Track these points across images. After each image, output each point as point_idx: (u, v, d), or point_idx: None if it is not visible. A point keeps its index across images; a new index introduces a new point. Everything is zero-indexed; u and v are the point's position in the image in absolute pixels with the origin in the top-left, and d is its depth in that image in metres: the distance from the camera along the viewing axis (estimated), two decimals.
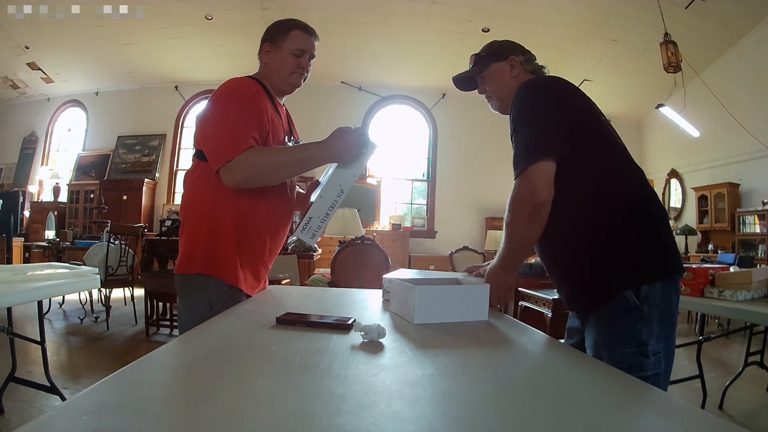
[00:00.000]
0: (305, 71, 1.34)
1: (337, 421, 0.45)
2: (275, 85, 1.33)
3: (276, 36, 1.32)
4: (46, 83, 7.76)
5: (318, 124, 7.93)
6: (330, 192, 1.20)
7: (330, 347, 0.72)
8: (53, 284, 1.62)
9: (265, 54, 1.33)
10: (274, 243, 1.32)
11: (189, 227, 1.24)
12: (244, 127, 1.15)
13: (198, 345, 0.74)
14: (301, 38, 1.32)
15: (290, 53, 1.30)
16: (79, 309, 4.21)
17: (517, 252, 1.10)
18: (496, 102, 1.23)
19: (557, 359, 0.77)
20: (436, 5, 5.79)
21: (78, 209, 7.64)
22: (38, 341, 2.07)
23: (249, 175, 1.14)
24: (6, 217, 3.92)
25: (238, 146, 1.12)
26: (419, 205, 8.02)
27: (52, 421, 0.42)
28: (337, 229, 4.15)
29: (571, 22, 5.72)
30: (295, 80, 1.33)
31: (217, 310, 1.11)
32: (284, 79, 1.32)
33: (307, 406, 0.49)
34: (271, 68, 1.32)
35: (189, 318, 1.19)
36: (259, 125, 1.19)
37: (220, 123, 1.17)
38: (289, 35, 1.31)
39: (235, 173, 1.13)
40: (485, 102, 1.26)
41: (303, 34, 1.32)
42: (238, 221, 1.21)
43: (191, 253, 1.22)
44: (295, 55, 1.31)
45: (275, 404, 0.49)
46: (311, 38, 1.34)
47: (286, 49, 1.30)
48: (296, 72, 1.32)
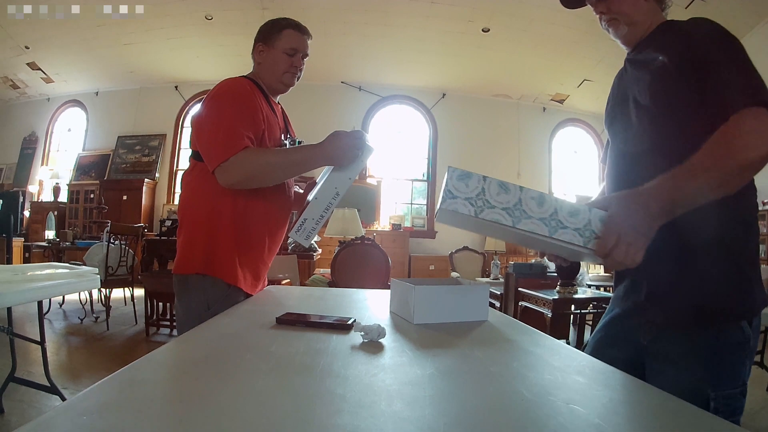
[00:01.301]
0: (298, 70, 1.33)
1: (337, 421, 0.45)
2: (269, 84, 1.33)
3: (269, 35, 1.32)
4: (46, 83, 7.76)
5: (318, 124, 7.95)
6: (326, 194, 1.20)
7: (330, 347, 0.72)
8: (53, 284, 1.62)
9: (258, 53, 1.33)
10: (273, 241, 1.33)
11: (187, 227, 1.24)
12: (239, 127, 1.15)
13: (198, 345, 0.74)
14: (294, 37, 1.32)
15: (283, 52, 1.30)
16: (79, 309, 4.21)
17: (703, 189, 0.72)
18: (624, 27, 0.94)
19: (562, 360, 0.77)
20: (436, 5, 5.78)
21: (78, 209, 7.63)
22: (38, 341, 2.07)
23: (244, 175, 1.14)
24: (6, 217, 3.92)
25: (233, 147, 1.12)
26: (419, 205, 8.02)
27: (52, 421, 0.42)
28: (337, 229, 4.15)
29: (571, 22, 5.72)
30: (289, 79, 1.33)
31: (215, 309, 1.11)
32: (277, 78, 1.32)
33: (307, 406, 0.49)
34: (265, 68, 1.32)
35: (187, 318, 1.20)
36: (254, 125, 1.19)
37: (216, 124, 1.17)
38: (281, 34, 1.31)
39: (230, 174, 1.13)
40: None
41: (296, 33, 1.32)
42: (236, 220, 1.21)
43: (189, 253, 1.22)
44: (288, 54, 1.31)
45: (275, 404, 0.49)
46: (304, 37, 1.33)
47: (279, 48, 1.30)
48: (289, 71, 1.32)
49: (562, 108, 7.95)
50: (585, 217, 0.73)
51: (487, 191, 0.72)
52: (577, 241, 0.73)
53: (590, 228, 0.73)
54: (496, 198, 0.72)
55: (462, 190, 0.71)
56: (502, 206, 0.72)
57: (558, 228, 0.73)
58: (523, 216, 0.72)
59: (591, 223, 0.73)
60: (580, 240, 0.73)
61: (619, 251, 0.71)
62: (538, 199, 0.73)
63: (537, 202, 0.73)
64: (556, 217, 0.73)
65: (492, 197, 0.72)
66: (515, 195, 0.73)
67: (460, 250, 6.06)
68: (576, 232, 0.73)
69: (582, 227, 0.73)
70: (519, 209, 0.72)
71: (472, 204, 0.71)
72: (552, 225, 0.73)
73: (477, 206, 0.71)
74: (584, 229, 0.73)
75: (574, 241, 0.73)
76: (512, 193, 0.72)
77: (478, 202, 0.71)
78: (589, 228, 0.73)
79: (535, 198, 0.73)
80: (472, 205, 0.71)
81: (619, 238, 0.71)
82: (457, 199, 0.71)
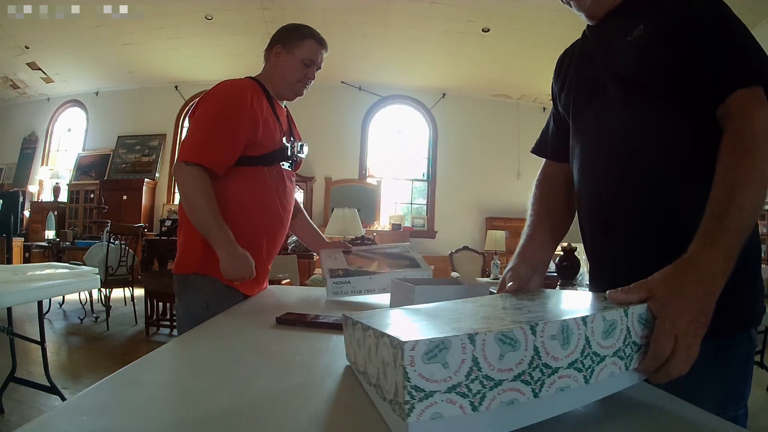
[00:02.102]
0: (309, 81, 1.34)
1: (338, 421, 0.45)
2: (278, 90, 1.33)
3: (290, 40, 1.32)
4: (46, 83, 7.75)
5: (318, 124, 7.94)
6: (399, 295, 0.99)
7: (330, 347, 0.72)
8: (53, 284, 1.62)
9: (275, 56, 1.33)
10: (272, 243, 1.32)
11: (186, 227, 1.25)
12: (211, 139, 1.18)
13: (198, 345, 0.74)
14: (314, 48, 1.32)
15: (301, 61, 1.30)
16: (79, 309, 4.21)
17: (749, 225, 0.58)
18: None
19: None
20: (436, 5, 5.78)
21: (78, 209, 7.63)
22: (38, 341, 2.07)
23: (180, 187, 1.21)
24: (6, 217, 3.92)
25: (193, 155, 1.16)
26: (419, 205, 8.02)
27: (52, 421, 0.42)
28: (337, 229, 4.15)
29: (571, 22, 5.70)
30: (299, 89, 1.34)
31: (213, 310, 1.11)
32: (289, 86, 1.33)
33: (307, 406, 0.49)
34: (278, 72, 1.32)
35: (186, 318, 1.20)
36: (231, 138, 1.19)
37: (197, 125, 1.21)
38: (303, 43, 1.31)
39: (177, 176, 1.18)
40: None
41: (317, 44, 1.32)
42: (235, 221, 1.21)
43: (188, 253, 1.23)
44: (305, 64, 1.31)
45: (275, 404, 0.49)
46: (322, 50, 1.34)
47: (298, 56, 1.30)
48: (302, 81, 1.32)
49: None
50: (622, 329, 0.47)
51: (481, 359, 0.39)
52: (619, 370, 0.46)
53: (630, 341, 0.47)
54: (500, 363, 0.39)
55: (438, 375, 0.37)
56: (514, 374, 0.40)
57: (594, 366, 0.44)
58: (548, 372, 0.41)
59: (630, 333, 0.48)
60: (622, 366, 0.47)
61: (679, 360, 0.49)
62: (560, 334, 0.42)
63: (561, 339, 0.42)
64: (589, 350, 0.44)
65: (494, 365, 0.39)
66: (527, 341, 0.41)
67: (460, 250, 6.06)
68: (617, 359, 0.46)
69: (622, 346, 0.46)
70: (539, 365, 0.41)
71: (462, 395, 0.38)
72: (587, 366, 0.44)
73: (472, 394, 0.38)
74: (625, 347, 0.47)
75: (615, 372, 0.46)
76: (521, 341, 0.40)
77: (473, 387, 0.38)
78: (630, 341, 0.47)
79: (555, 335, 0.42)
80: (463, 396, 0.38)
81: (677, 342, 0.49)
82: (434, 397, 0.37)
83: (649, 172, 0.72)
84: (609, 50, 0.79)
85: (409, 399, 0.37)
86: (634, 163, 0.73)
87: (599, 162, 0.80)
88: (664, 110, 0.72)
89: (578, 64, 0.88)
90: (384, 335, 0.42)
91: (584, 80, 0.85)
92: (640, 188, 0.73)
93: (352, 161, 7.67)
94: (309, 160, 7.32)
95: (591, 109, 0.82)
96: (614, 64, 0.77)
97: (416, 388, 0.37)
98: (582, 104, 0.85)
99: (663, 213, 0.71)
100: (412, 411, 0.37)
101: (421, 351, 0.37)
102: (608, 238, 0.79)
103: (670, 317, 0.49)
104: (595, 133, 0.81)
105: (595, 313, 0.45)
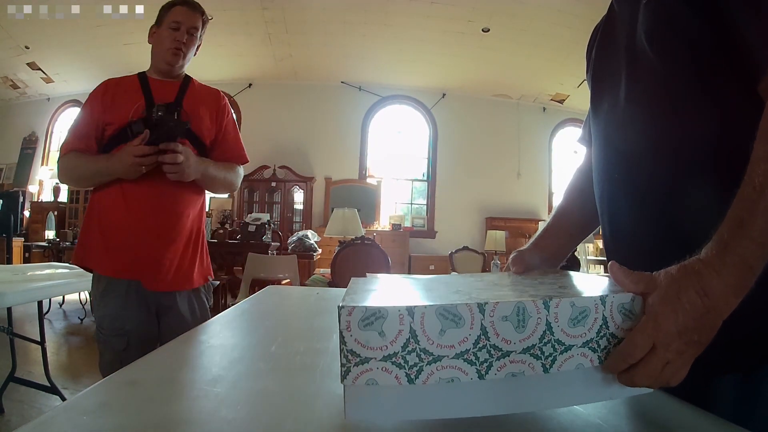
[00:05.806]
0: (182, 44, 1.29)
1: (337, 421, 0.45)
2: (158, 67, 1.34)
3: (160, 17, 1.32)
4: (46, 83, 7.75)
5: (318, 123, 7.92)
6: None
7: (330, 347, 0.72)
8: (53, 284, 1.62)
9: (151, 36, 1.34)
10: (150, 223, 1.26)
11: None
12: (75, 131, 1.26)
13: (197, 345, 0.74)
14: (180, 11, 1.30)
15: (168, 28, 1.30)
16: (79, 309, 4.21)
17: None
18: None
19: None
20: (436, 5, 5.78)
21: (78, 209, 7.62)
22: (38, 341, 2.07)
23: (63, 177, 1.28)
24: (6, 217, 3.92)
25: (61, 150, 1.26)
26: (419, 205, 8.02)
27: (52, 421, 0.42)
28: (337, 229, 4.15)
29: (571, 22, 5.72)
30: (170, 57, 1.30)
31: (99, 303, 1.25)
32: (163, 57, 1.31)
33: (307, 406, 0.49)
34: (155, 50, 1.34)
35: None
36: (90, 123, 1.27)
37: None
38: (169, 11, 1.31)
39: (58, 173, 1.26)
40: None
41: (183, 8, 1.31)
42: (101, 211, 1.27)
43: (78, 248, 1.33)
44: (172, 29, 1.29)
45: (275, 404, 0.49)
46: (193, 12, 1.32)
47: (165, 25, 1.30)
48: (171, 48, 1.29)
49: (562, 108, 7.94)
50: (596, 318, 0.42)
51: (420, 333, 0.38)
52: (590, 363, 0.42)
53: (608, 332, 0.43)
54: (441, 339, 0.39)
55: (375, 342, 0.38)
56: (456, 351, 0.39)
57: (556, 355, 0.41)
58: (497, 355, 0.39)
59: (608, 323, 0.42)
60: (594, 359, 0.42)
61: (649, 369, 0.42)
62: (514, 315, 0.40)
63: (514, 320, 0.40)
64: (551, 336, 0.40)
65: (433, 339, 0.39)
66: (473, 320, 0.39)
67: (460, 250, 6.06)
68: (587, 350, 0.42)
69: (595, 337, 0.42)
70: (486, 345, 0.39)
71: (398, 365, 0.38)
72: (548, 353, 0.40)
73: (408, 366, 0.38)
74: (599, 338, 0.42)
75: (585, 365, 0.42)
76: (466, 319, 0.39)
77: (410, 359, 0.38)
78: (606, 333, 0.43)
79: (509, 315, 0.40)
80: (399, 366, 0.38)
81: (655, 350, 0.42)
82: (370, 363, 0.38)
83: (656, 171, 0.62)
84: (631, 18, 0.65)
85: (345, 362, 0.39)
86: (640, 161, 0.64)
87: (605, 159, 0.72)
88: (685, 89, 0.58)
89: (600, 46, 0.77)
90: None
91: (600, 69, 0.75)
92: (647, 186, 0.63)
93: (352, 161, 7.67)
94: (309, 160, 7.33)
95: (608, 93, 0.71)
96: (632, 43, 0.65)
97: (352, 353, 0.38)
98: (597, 94, 0.75)
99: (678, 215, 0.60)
100: (348, 374, 0.39)
101: (357, 317, 0.38)
102: (614, 238, 0.71)
103: (655, 320, 0.42)
104: (604, 123, 0.72)
105: (561, 297, 0.41)
